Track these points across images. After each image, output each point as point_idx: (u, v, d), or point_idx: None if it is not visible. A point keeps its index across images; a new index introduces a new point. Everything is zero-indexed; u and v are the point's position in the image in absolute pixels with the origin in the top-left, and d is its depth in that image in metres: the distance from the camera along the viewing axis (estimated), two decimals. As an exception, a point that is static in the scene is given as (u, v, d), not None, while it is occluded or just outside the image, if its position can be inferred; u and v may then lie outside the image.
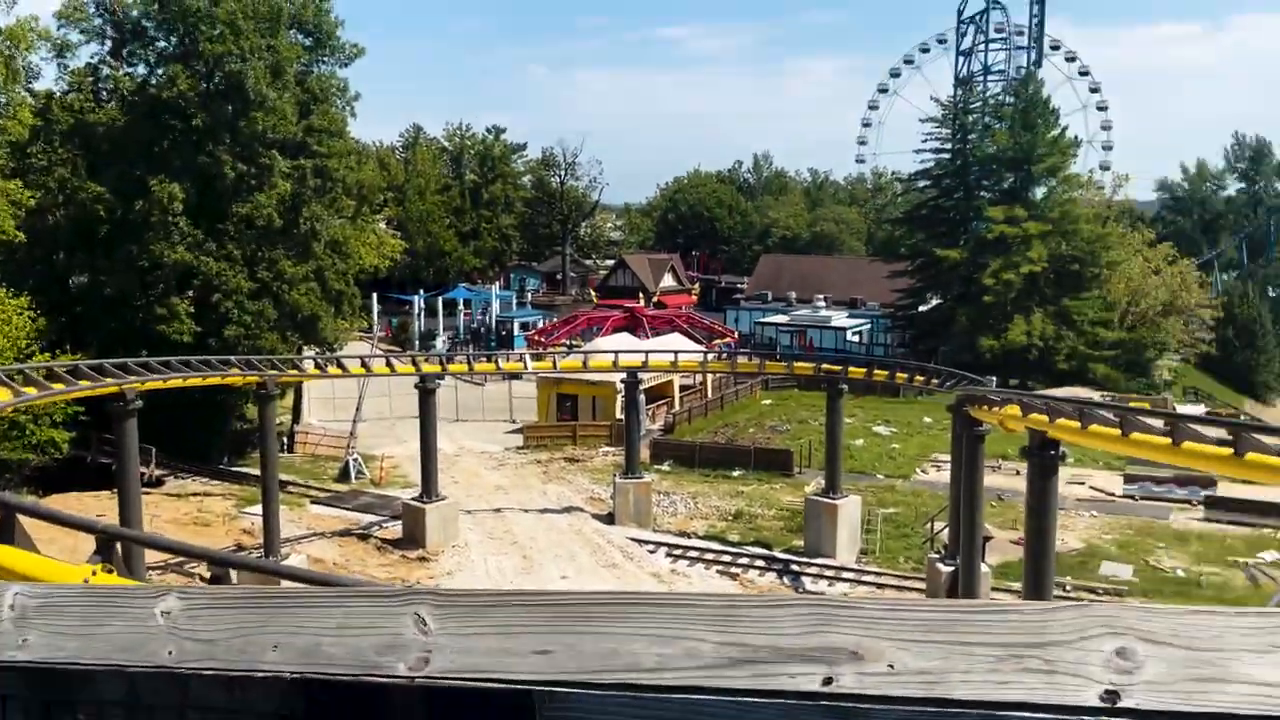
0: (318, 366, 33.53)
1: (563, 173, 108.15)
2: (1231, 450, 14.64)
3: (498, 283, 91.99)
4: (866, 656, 0.99)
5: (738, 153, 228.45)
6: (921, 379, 33.16)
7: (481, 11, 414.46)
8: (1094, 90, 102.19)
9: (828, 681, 0.98)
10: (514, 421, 50.15)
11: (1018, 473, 33.99)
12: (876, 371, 35.14)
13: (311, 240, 42.71)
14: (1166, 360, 66.33)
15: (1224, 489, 34.57)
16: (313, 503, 37.18)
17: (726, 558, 32.02)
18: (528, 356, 41.00)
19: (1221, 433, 15.28)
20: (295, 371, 33.08)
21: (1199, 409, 50.15)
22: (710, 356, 43.87)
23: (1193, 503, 35.88)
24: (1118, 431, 16.65)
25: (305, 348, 42.21)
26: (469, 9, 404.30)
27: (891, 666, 0.98)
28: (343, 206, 45.30)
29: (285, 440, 43.88)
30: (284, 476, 34.72)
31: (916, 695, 0.96)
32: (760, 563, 31.69)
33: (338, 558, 31.02)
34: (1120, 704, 0.92)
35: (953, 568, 25.89)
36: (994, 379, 33.74)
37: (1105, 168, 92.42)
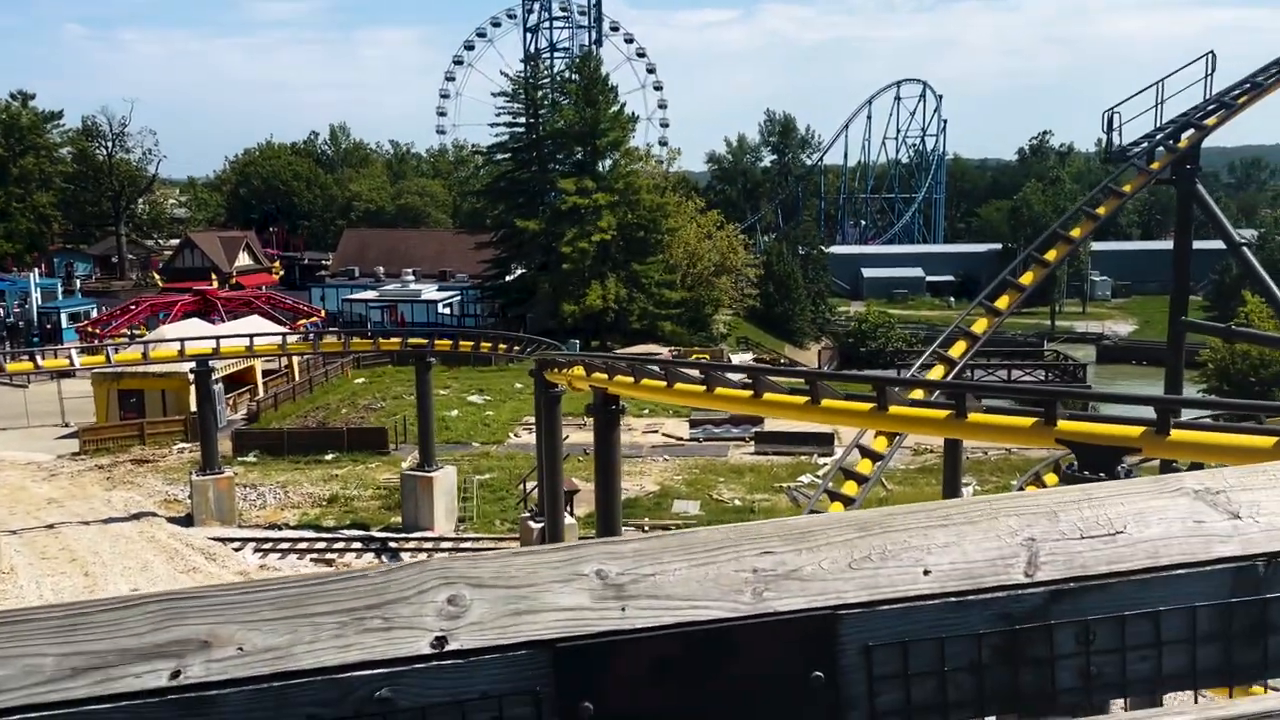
0: None
1: (110, 144, 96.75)
2: (752, 393, 17.01)
3: (38, 269, 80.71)
4: (215, 644, 1.00)
5: (313, 123, 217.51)
6: (505, 347, 34.46)
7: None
8: (650, 71, 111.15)
9: (175, 675, 0.98)
10: (68, 425, 44.59)
11: (598, 428, 36.49)
12: (463, 343, 35.88)
13: None
14: (722, 315, 74.31)
15: (770, 425, 39.59)
16: None
17: (321, 544, 31.22)
18: (73, 351, 36.60)
19: (744, 377, 17.68)
20: None
21: (748, 356, 57.11)
22: (293, 338, 41.95)
23: (745, 439, 40.86)
24: (664, 384, 18.64)
25: None
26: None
27: (241, 649, 1.00)
28: None
29: None
30: None
31: (263, 673, 0.99)
32: (358, 544, 31.30)
33: None
34: (448, 647, 1.02)
35: (542, 524, 27.36)
36: (577, 342, 36.15)
37: (663, 143, 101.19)
